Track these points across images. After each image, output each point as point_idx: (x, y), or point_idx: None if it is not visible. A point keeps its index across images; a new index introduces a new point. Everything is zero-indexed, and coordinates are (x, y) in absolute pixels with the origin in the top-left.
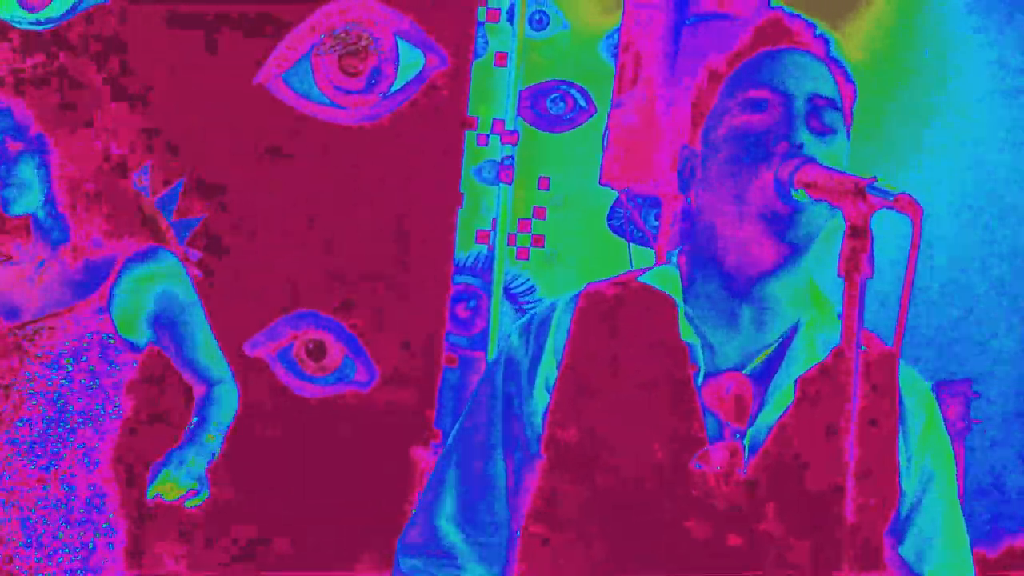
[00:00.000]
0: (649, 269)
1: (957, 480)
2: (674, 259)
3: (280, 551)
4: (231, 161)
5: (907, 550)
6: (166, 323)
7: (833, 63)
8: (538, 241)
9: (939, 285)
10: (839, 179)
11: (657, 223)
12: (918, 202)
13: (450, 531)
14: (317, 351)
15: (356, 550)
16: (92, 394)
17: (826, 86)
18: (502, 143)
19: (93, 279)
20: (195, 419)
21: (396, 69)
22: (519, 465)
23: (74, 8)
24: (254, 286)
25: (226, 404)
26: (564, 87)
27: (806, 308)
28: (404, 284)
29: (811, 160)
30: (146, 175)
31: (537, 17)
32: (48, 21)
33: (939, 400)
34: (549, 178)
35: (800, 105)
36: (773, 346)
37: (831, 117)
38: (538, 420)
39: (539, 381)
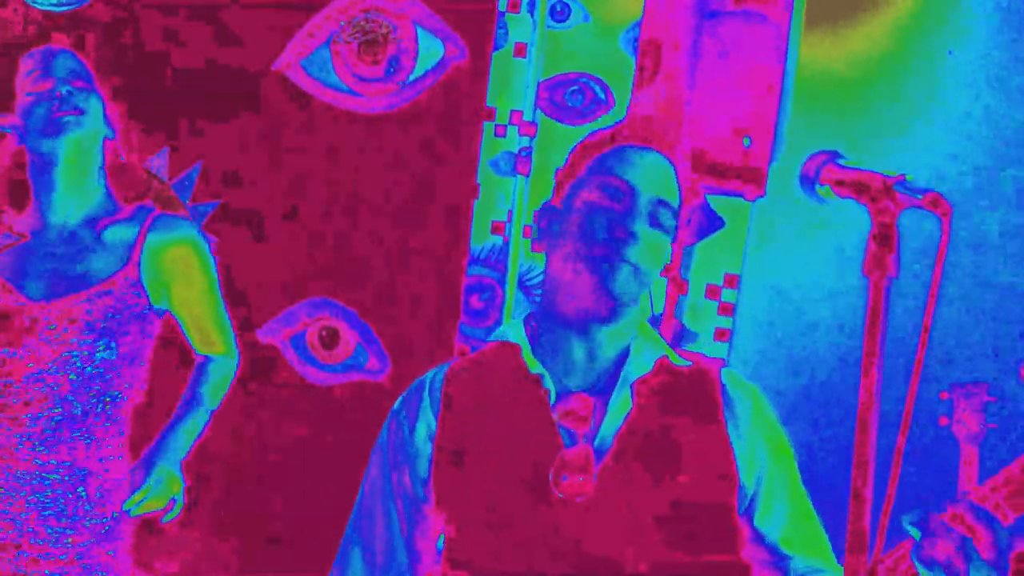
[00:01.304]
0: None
1: (796, 455)
2: (523, 317)
3: (284, 536)
4: (248, 147)
5: (760, 522)
6: (180, 292)
7: (676, 170)
8: None
9: (959, 287)
10: (866, 176)
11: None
12: (947, 200)
13: (360, 569)
14: (330, 339)
15: None
16: (132, 367)
17: (669, 191)
18: (520, 135)
19: (118, 248)
20: (181, 406)
21: (415, 58)
22: (410, 512)
23: None
24: (268, 272)
25: (218, 379)
26: (583, 80)
27: (631, 335)
28: (418, 274)
29: (836, 156)
30: (164, 159)
31: (558, 8)
32: (69, 3)
33: (954, 404)
34: None
35: (644, 203)
36: (608, 371)
37: (666, 218)
38: (423, 465)
39: (420, 431)
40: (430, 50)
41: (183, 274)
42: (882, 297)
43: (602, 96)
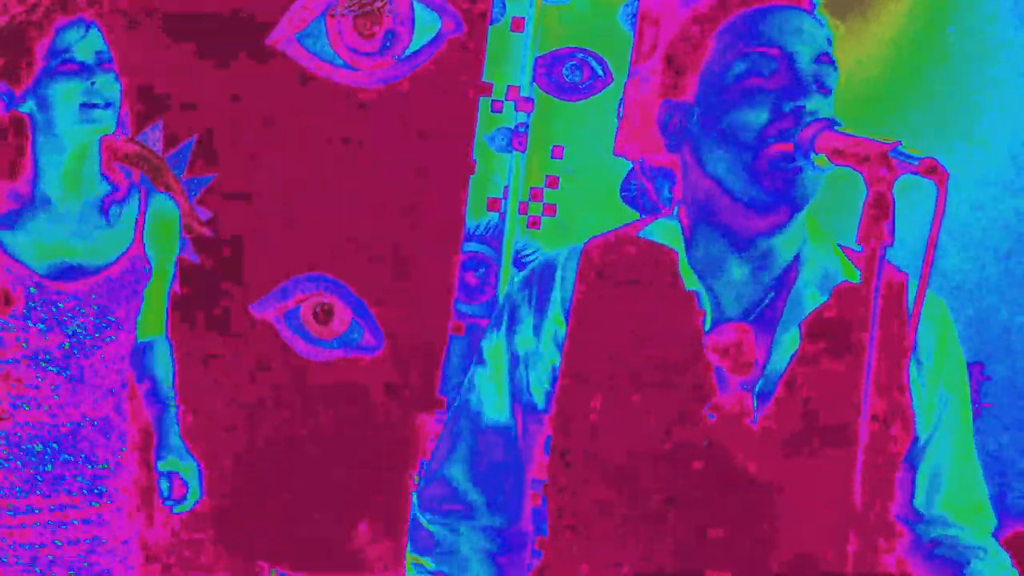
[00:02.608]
0: (649, 222)
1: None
2: (675, 211)
3: (277, 513)
4: (243, 120)
5: (920, 477)
6: (162, 262)
7: (821, 22)
8: (550, 210)
9: (953, 263)
10: (862, 144)
11: (671, 195)
12: (943, 166)
13: (464, 484)
14: (324, 314)
15: (355, 516)
16: (130, 329)
17: (825, 44)
18: (516, 110)
19: (124, 225)
20: (157, 403)
21: (411, 32)
22: (525, 416)
23: None
24: (263, 247)
25: (168, 364)
26: (581, 55)
27: (802, 244)
28: (414, 250)
29: (833, 124)
30: (158, 132)
31: None
32: None
33: None
34: (563, 147)
35: (808, 66)
36: (772, 292)
37: (833, 78)
38: (546, 376)
39: (546, 336)
40: (427, 24)
41: (168, 247)
42: (876, 265)
43: (600, 72)
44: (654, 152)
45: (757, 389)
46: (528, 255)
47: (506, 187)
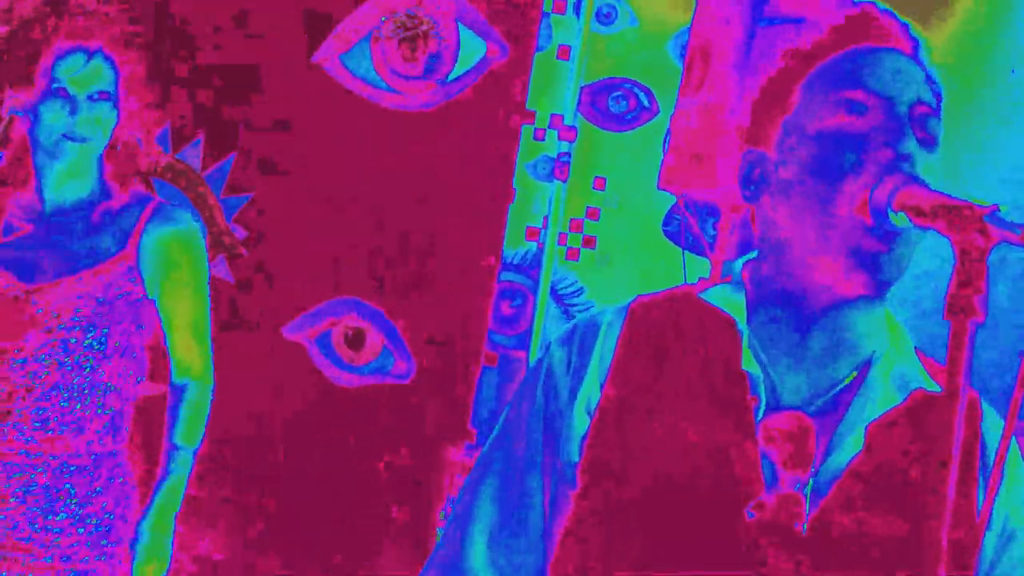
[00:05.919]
0: (710, 286)
1: None
2: (737, 275)
3: (303, 539)
4: (283, 139)
5: None
6: (171, 287)
7: (924, 67)
8: (589, 242)
9: (1007, 297)
10: (951, 204)
11: (715, 232)
12: None
13: (482, 558)
14: (356, 339)
15: (380, 544)
16: (124, 358)
17: (926, 91)
18: (559, 139)
19: (115, 234)
20: (163, 456)
21: (455, 56)
22: (555, 487)
23: None
24: (298, 268)
25: (194, 413)
26: (628, 85)
27: (880, 339)
28: (449, 277)
29: (914, 179)
30: (198, 149)
31: (605, 11)
32: None
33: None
34: (605, 178)
35: (904, 111)
36: (844, 382)
37: (933, 125)
38: (575, 446)
39: (579, 403)
40: (471, 49)
41: (178, 266)
42: (965, 345)
43: (646, 103)
44: (698, 187)
45: (809, 489)
46: (566, 287)
47: (546, 217)
